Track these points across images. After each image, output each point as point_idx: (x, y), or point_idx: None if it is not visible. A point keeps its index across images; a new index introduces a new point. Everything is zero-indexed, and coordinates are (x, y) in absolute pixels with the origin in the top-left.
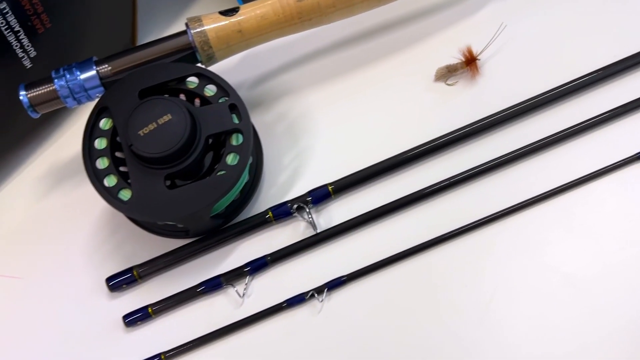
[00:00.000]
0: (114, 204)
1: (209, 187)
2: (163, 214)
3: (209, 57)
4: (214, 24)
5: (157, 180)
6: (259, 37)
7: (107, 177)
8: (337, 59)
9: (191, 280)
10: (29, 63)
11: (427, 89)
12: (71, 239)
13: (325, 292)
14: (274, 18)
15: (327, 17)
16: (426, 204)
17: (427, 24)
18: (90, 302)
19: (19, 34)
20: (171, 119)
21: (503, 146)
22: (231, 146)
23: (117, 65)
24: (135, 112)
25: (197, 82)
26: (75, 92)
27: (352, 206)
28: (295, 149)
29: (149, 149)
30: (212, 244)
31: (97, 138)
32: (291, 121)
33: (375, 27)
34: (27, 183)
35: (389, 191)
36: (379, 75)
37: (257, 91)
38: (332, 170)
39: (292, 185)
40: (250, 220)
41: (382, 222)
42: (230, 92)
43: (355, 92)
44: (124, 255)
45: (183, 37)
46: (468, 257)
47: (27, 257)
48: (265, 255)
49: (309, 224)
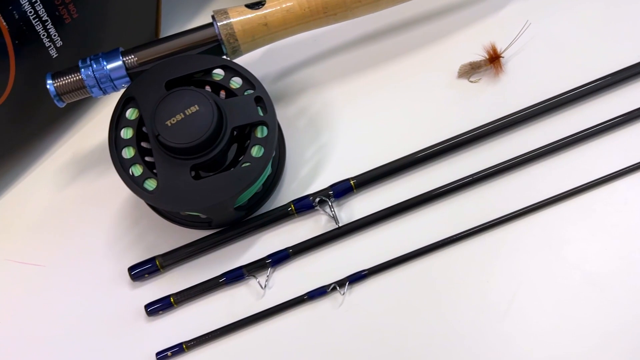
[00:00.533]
0: (140, 194)
1: (234, 178)
2: (189, 204)
3: (234, 50)
4: (240, 17)
5: (183, 170)
6: (284, 31)
7: (133, 166)
8: (360, 53)
9: (213, 271)
10: (55, 52)
11: (450, 85)
12: (94, 228)
13: (347, 286)
14: (300, 12)
15: (352, 12)
16: (448, 200)
17: (451, 20)
18: (112, 291)
19: (46, 24)
20: (198, 110)
21: (526, 144)
22: (256, 138)
23: (143, 56)
24: (163, 102)
25: (223, 75)
26: (101, 81)
27: (373, 201)
28: (317, 143)
29: (176, 140)
30: (234, 236)
31: (123, 128)
32: (313, 115)
33: (399, 22)
34: (50, 171)
35: (410, 187)
36: (401, 70)
37: (279, 85)
38: (353, 165)
39: (314, 179)
40: (272, 213)
41: (403, 218)
42: (256, 84)
43: (377, 87)
44: (146, 245)
45: (209, 30)
46: (490, 254)
47: (50, 245)
48: (287, 248)
49: (330, 217)
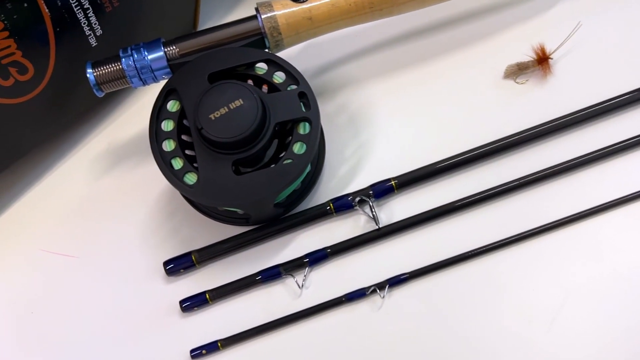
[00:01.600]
0: (180, 187)
1: (276, 174)
2: (229, 199)
3: (277, 44)
4: (285, 10)
5: (225, 165)
6: (328, 26)
7: (174, 159)
8: (403, 50)
9: (249, 268)
10: (95, 41)
11: (496, 86)
12: (128, 220)
13: (386, 289)
14: (345, 6)
15: (398, 7)
16: (492, 204)
17: (500, 18)
18: (146, 285)
19: (87, 12)
20: (242, 104)
21: (574, 149)
22: (298, 135)
23: (184, 47)
24: (206, 95)
25: (266, 69)
26: (142, 72)
27: (414, 202)
28: (357, 140)
29: (220, 134)
30: (271, 233)
31: (164, 120)
32: (353, 112)
33: (445, 18)
34: (85, 161)
35: (453, 189)
36: (446, 69)
37: (319, 80)
38: (393, 165)
39: (353, 177)
40: (310, 211)
41: (445, 221)
42: (299, 79)
43: (420, 85)
44: (182, 239)
45: (252, 22)
46: (537, 262)
47: (83, 237)
48: (325, 248)
49: (370, 218)
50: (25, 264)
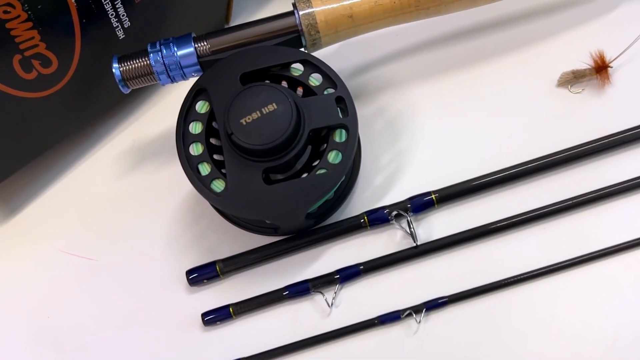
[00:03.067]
0: (207, 195)
1: (308, 185)
2: (258, 211)
3: (314, 43)
4: (324, 6)
5: (255, 173)
6: (370, 24)
7: (201, 164)
8: (449, 51)
9: (276, 282)
10: (122, 34)
11: (548, 94)
12: (151, 223)
13: (423, 313)
14: (389, 4)
15: (446, 6)
16: (540, 225)
17: (555, 20)
18: (167, 294)
19: (116, 3)
20: (276, 109)
21: (632, 168)
22: (334, 142)
23: (216, 43)
24: (238, 98)
25: (302, 70)
26: (170, 68)
27: (456, 219)
28: (395, 148)
29: (251, 140)
30: (301, 245)
31: (192, 122)
32: (392, 117)
33: (495, 19)
34: (108, 159)
35: (498, 206)
36: (494, 73)
37: (356, 81)
38: (434, 177)
39: (389, 188)
40: (343, 223)
41: (490, 241)
42: (337, 83)
43: (465, 90)
44: (206, 246)
45: (289, 19)
46: (588, 289)
47: (103, 239)
48: (357, 264)
49: (407, 234)
50: (43, 264)
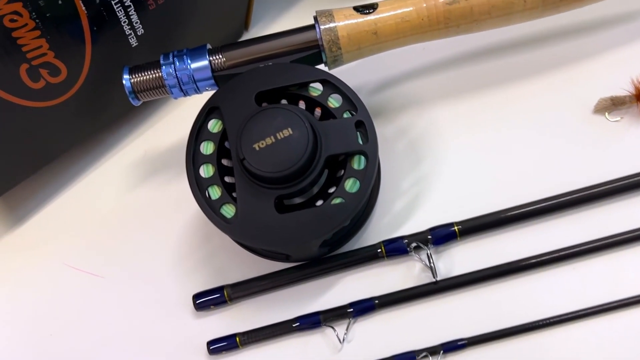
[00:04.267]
0: (216, 222)
1: (323, 215)
2: (269, 241)
3: (335, 59)
4: (347, 21)
5: (267, 200)
6: (395, 41)
7: (211, 187)
8: (477, 69)
9: (286, 311)
10: (135, 41)
11: (584, 121)
12: (159, 240)
13: (440, 355)
14: (417, 21)
15: (477, 24)
16: (572, 265)
17: (594, 41)
18: (173, 318)
19: (129, 9)
20: (292, 134)
21: None
22: (352, 170)
23: (232, 57)
24: (252, 120)
25: (321, 90)
26: (183, 82)
27: (480, 254)
28: (417, 172)
29: (264, 167)
30: (313, 274)
31: (203, 141)
32: (415, 138)
33: (528, 37)
34: (118, 169)
35: (526, 242)
36: (526, 96)
37: (377, 98)
38: (458, 206)
39: (409, 216)
40: (358, 252)
41: (516, 279)
42: (358, 106)
43: (495, 113)
44: (215, 268)
45: (309, 33)
46: (623, 337)
47: (110, 254)
48: (372, 298)
49: (426, 267)
50: (47, 278)
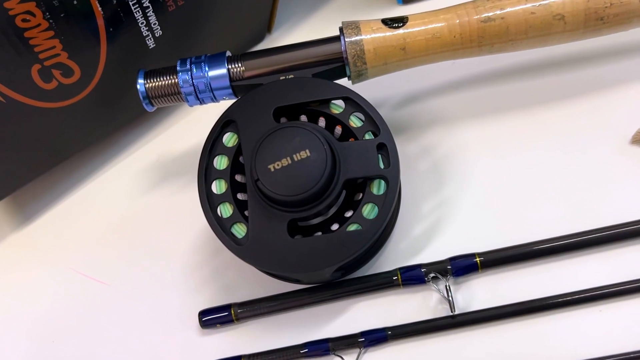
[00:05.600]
0: (226, 242)
1: (338, 243)
2: (280, 266)
3: (359, 74)
4: (374, 35)
5: (279, 224)
6: (424, 58)
7: (222, 205)
8: (508, 89)
9: (294, 334)
10: (153, 43)
11: (620, 151)
12: (169, 250)
13: None
14: (448, 38)
15: (512, 44)
16: (599, 306)
17: (635, 65)
18: (178, 333)
19: (147, 10)
20: (309, 156)
21: None
22: (371, 195)
23: (252, 66)
24: (268, 139)
25: (343, 108)
26: (199, 90)
27: (501, 288)
28: (439, 195)
29: (278, 189)
30: (324, 298)
31: (217, 155)
32: (438, 159)
33: (565, 57)
34: (129, 173)
35: (552, 279)
36: (558, 120)
37: (401, 113)
38: (480, 235)
39: (429, 241)
40: (373, 278)
41: (538, 318)
42: (381, 128)
43: (525, 137)
44: (223, 284)
45: (334, 45)
46: None
47: (118, 261)
48: (385, 328)
49: (444, 299)
50: (52, 282)
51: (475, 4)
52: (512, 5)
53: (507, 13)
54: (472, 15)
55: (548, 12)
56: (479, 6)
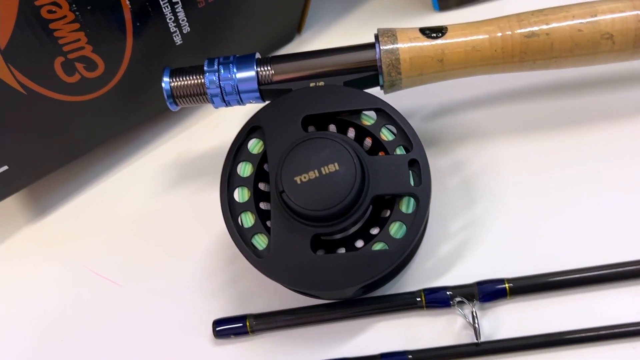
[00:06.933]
0: (247, 254)
1: (362, 262)
2: (302, 283)
3: (392, 84)
4: (411, 44)
5: (303, 238)
6: (462, 71)
7: (244, 213)
8: (550, 106)
9: (310, 351)
10: (180, 39)
11: None
12: (184, 253)
13: None
14: (489, 52)
15: (556, 62)
16: (632, 343)
17: None
18: (190, 341)
19: (176, 6)
20: (338, 170)
21: None
22: (399, 212)
23: (281, 70)
24: (296, 149)
25: (375, 120)
26: (226, 92)
27: (530, 316)
28: (469, 214)
29: (304, 203)
30: (343, 316)
31: (242, 162)
32: (470, 176)
33: (609, 76)
34: (149, 169)
35: (585, 310)
36: (602, 142)
37: (433, 125)
38: (510, 259)
39: (455, 262)
40: (395, 298)
41: (567, 351)
42: (414, 143)
43: (564, 158)
44: (239, 292)
45: (368, 53)
46: None
47: (132, 262)
48: (406, 351)
49: (469, 325)
50: (64, 278)
51: (519, 17)
52: (558, 21)
53: (553, 29)
54: (516, 28)
55: (596, 31)
56: (523, 20)
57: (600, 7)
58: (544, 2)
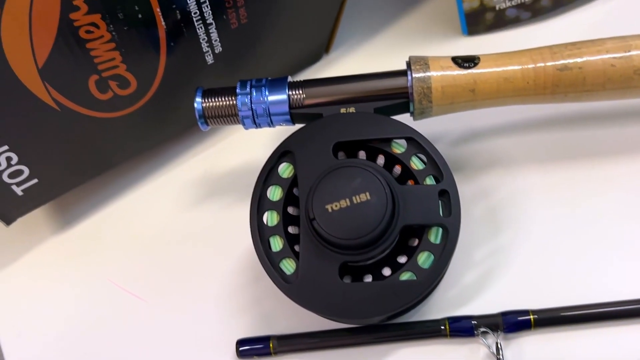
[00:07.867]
0: (275, 279)
1: (389, 292)
2: (329, 310)
3: (422, 111)
4: (443, 72)
5: (331, 265)
6: (493, 101)
7: (272, 237)
8: (580, 135)
9: None
10: (212, 59)
11: None
12: (209, 271)
13: None
14: (521, 84)
15: (587, 95)
16: None
17: None
18: (213, 359)
19: (209, 27)
20: (369, 199)
21: None
22: (428, 242)
23: (313, 94)
24: (328, 177)
25: (405, 148)
26: (257, 114)
27: (554, 349)
28: (494, 243)
29: (334, 232)
30: (367, 341)
31: (272, 185)
32: (496, 204)
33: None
34: (176, 185)
35: (612, 345)
36: (630, 175)
37: (459, 150)
38: (535, 290)
39: (480, 291)
40: (419, 325)
41: None
42: (444, 173)
43: (594, 189)
44: (263, 312)
45: (399, 80)
46: None
47: (156, 278)
48: None
49: (493, 355)
50: (88, 291)
51: (552, 50)
52: (591, 54)
53: (586, 62)
54: (548, 60)
55: (629, 66)
56: (556, 52)
57: (635, 42)
58: (570, 30)
